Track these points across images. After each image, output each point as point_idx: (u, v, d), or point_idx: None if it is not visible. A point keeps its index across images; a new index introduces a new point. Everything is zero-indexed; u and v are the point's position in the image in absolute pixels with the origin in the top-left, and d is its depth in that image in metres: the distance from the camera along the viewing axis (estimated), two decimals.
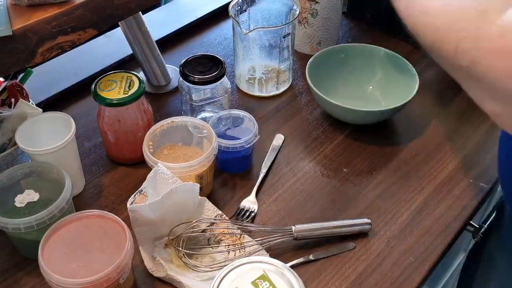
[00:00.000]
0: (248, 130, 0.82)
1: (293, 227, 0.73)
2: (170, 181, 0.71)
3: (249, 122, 0.83)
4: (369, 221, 0.75)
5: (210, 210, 0.76)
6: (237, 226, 0.74)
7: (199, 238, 0.73)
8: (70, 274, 0.59)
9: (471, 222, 0.81)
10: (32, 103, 0.83)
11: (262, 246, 0.71)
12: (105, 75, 0.82)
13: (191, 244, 0.72)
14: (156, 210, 0.67)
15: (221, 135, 0.83)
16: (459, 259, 1.28)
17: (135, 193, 0.69)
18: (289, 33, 0.92)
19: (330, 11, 1.01)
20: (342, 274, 0.71)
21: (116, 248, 0.62)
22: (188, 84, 0.84)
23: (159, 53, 0.99)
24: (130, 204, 0.67)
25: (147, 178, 0.71)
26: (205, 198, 0.74)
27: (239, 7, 0.94)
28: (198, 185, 0.70)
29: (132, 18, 0.92)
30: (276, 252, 0.73)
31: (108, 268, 0.60)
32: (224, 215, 0.76)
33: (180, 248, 0.69)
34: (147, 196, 0.70)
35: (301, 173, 0.85)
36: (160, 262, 0.68)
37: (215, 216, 0.75)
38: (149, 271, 0.70)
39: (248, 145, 0.80)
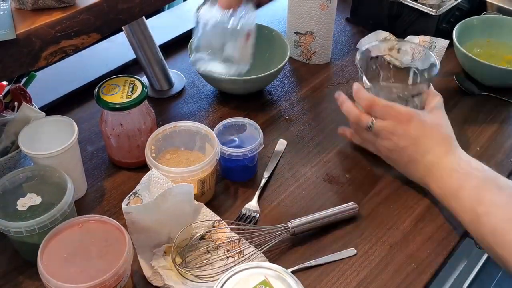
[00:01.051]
0: (253, 139, 0.82)
1: (289, 223, 0.74)
2: (165, 186, 0.71)
3: (255, 130, 0.83)
4: (356, 205, 0.78)
5: (208, 216, 0.75)
6: (234, 228, 0.74)
7: (197, 245, 0.72)
8: (67, 279, 0.59)
9: None
10: (35, 107, 0.83)
11: (261, 248, 0.71)
12: (108, 79, 0.82)
13: (189, 251, 0.71)
14: (152, 211, 0.67)
15: (226, 143, 0.82)
16: (462, 266, 1.27)
17: (129, 195, 0.69)
18: (420, 93, 0.81)
19: None
20: (344, 280, 0.71)
21: (115, 254, 0.62)
22: None
23: (162, 57, 0.99)
24: (125, 205, 0.67)
25: (141, 181, 0.71)
26: (202, 204, 0.74)
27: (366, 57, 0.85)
28: (192, 186, 0.70)
29: (136, 23, 0.93)
30: (277, 258, 0.73)
31: (105, 275, 0.59)
32: (223, 221, 0.75)
33: (179, 267, 0.68)
34: (142, 199, 0.70)
35: (303, 178, 0.85)
36: (158, 271, 0.68)
37: (213, 222, 0.75)
38: (147, 279, 0.70)
39: (252, 154, 0.80)
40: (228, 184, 0.84)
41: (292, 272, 0.71)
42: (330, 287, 0.70)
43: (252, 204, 0.80)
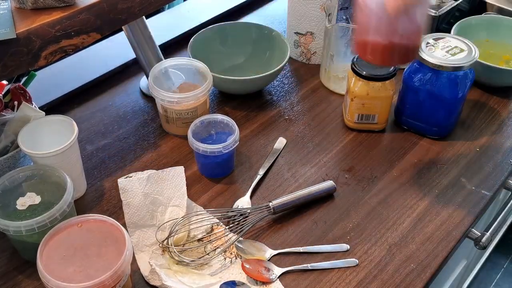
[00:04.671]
0: (231, 136, 0.82)
1: (270, 203, 0.76)
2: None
3: (232, 127, 0.83)
4: (333, 183, 0.81)
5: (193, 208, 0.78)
6: (215, 215, 0.76)
7: (186, 237, 0.74)
8: (66, 278, 0.59)
9: (472, 229, 0.81)
10: (35, 106, 0.83)
11: (243, 227, 0.73)
12: None
13: (180, 244, 0.73)
14: (144, 186, 0.74)
15: (203, 139, 0.83)
16: (461, 266, 1.27)
17: (126, 176, 0.78)
18: None
19: None
20: (343, 280, 0.71)
21: (114, 254, 0.62)
22: None
23: (162, 57, 0.99)
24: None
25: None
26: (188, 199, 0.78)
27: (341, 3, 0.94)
28: (182, 168, 0.76)
29: (136, 22, 0.93)
30: (276, 260, 0.73)
31: (104, 275, 0.59)
32: (204, 210, 0.77)
33: (170, 246, 0.71)
34: None
35: (303, 179, 0.85)
36: (155, 271, 0.68)
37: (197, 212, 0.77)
38: (145, 279, 0.70)
39: (227, 151, 0.80)
40: (220, 179, 0.84)
41: (291, 271, 0.71)
42: (329, 287, 0.70)
43: (244, 200, 0.80)
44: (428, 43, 0.86)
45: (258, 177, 0.84)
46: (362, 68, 0.86)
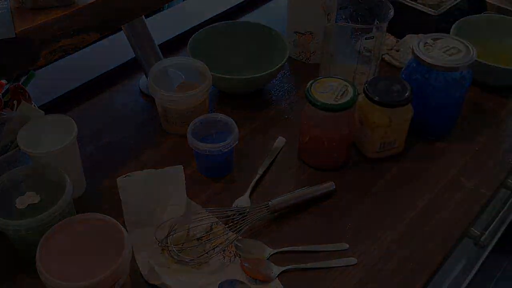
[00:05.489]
0: (230, 135, 0.82)
1: (270, 202, 0.76)
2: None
3: (231, 126, 0.83)
4: (332, 182, 0.81)
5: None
6: (214, 214, 0.76)
7: (185, 236, 0.74)
8: (65, 277, 0.59)
9: (472, 228, 0.81)
10: (34, 106, 0.83)
11: (241, 227, 0.73)
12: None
13: (179, 243, 0.73)
14: (142, 184, 0.74)
15: (202, 139, 0.83)
16: (461, 266, 1.27)
17: (125, 175, 0.76)
18: (373, 36, 0.89)
19: None
20: (342, 279, 0.71)
21: (114, 253, 0.62)
22: None
23: (162, 57, 0.99)
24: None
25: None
26: (188, 198, 0.78)
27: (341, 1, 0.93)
28: (181, 167, 0.75)
29: (135, 22, 0.93)
30: (276, 259, 0.73)
31: (103, 274, 0.59)
32: (204, 209, 0.77)
33: (169, 245, 0.71)
34: None
35: (302, 178, 0.85)
36: (154, 270, 0.68)
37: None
38: (144, 277, 0.70)
39: (226, 150, 0.80)
40: (220, 178, 0.84)
41: (290, 271, 0.71)
42: (328, 286, 0.70)
43: (244, 199, 0.80)
44: (426, 43, 0.86)
45: (258, 176, 0.84)
46: (378, 93, 0.81)
